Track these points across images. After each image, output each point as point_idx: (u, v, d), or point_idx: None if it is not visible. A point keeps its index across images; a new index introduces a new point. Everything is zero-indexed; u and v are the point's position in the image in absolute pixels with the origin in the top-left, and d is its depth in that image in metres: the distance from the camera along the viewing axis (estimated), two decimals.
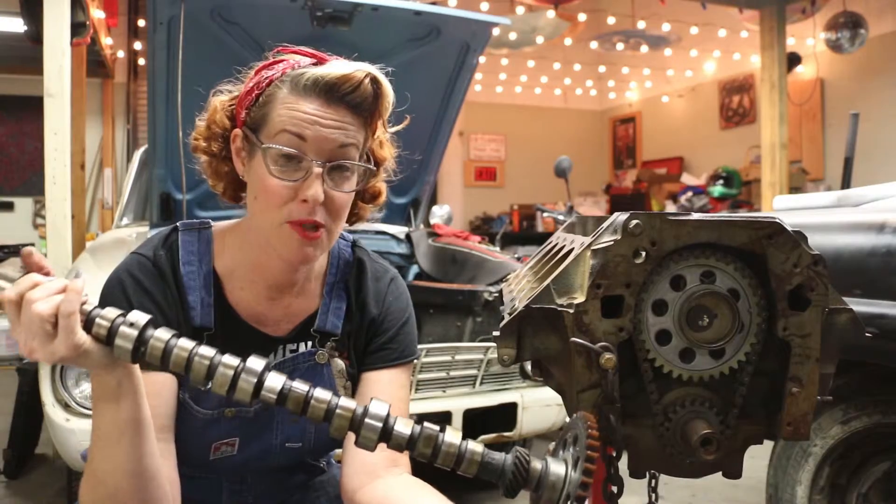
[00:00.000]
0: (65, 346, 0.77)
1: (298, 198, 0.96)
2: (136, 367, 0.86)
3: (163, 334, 0.80)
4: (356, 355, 1.15)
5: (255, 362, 0.79)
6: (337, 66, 0.98)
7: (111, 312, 0.80)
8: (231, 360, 0.80)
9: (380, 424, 0.78)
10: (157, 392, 0.98)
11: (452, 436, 0.78)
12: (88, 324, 0.80)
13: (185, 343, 0.80)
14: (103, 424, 0.86)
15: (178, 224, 1.10)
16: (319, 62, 1.01)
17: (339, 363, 1.13)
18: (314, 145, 0.96)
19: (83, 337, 0.78)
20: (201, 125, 1.06)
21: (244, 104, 1.01)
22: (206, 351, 0.79)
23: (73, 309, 0.77)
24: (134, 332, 0.79)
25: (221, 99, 1.06)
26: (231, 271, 1.08)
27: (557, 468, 0.76)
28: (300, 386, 0.79)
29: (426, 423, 0.79)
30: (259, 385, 0.79)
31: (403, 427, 0.78)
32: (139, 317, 0.80)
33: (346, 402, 0.79)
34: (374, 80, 0.99)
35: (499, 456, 0.78)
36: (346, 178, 1.00)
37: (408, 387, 1.17)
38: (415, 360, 1.19)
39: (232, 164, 1.05)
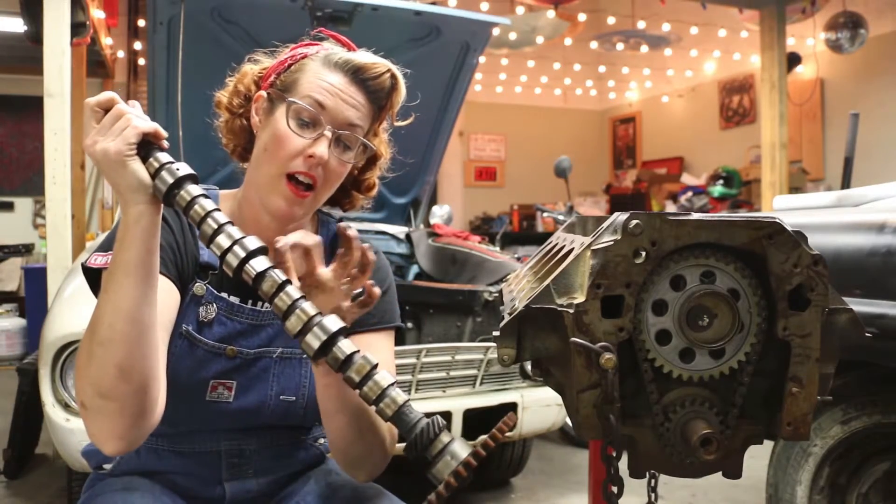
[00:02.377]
0: (115, 146, 0.88)
1: (305, 153, 1.07)
2: (157, 217, 0.91)
3: (194, 189, 0.88)
4: None
5: (252, 241, 0.86)
6: (365, 55, 1.13)
7: (166, 157, 0.91)
8: (234, 231, 0.86)
9: (324, 336, 0.81)
10: (160, 288, 1.00)
11: (384, 377, 0.81)
12: (147, 155, 0.90)
13: (207, 204, 0.88)
14: (113, 266, 0.91)
15: None
16: (350, 49, 1.15)
17: None
18: (330, 115, 1.09)
19: (132, 150, 0.89)
20: (229, 85, 1.19)
21: (275, 71, 1.14)
22: (219, 216, 0.87)
23: (144, 128, 0.90)
24: (174, 177, 0.88)
25: (252, 66, 1.19)
26: None
27: (460, 449, 0.78)
28: (278, 275, 0.84)
29: (367, 356, 0.82)
30: (244, 261, 0.84)
31: (345, 347, 0.81)
32: (185, 168, 0.90)
33: (309, 306, 0.83)
34: (394, 76, 1.13)
35: (416, 415, 0.80)
36: (347, 151, 1.12)
37: (390, 352, 1.24)
38: (398, 329, 1.24)
39: (246, 123, 1.16)
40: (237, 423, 1.15)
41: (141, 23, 7.50)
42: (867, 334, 0.83)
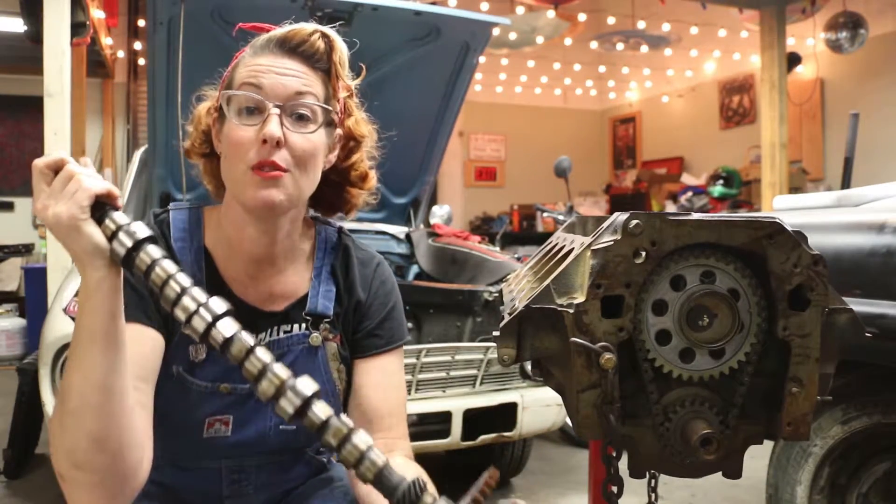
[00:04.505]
0: (67, 210, 0.82)
1: (259, 139, 1.01)
2: (118, 280, 0.87)
3: (155, 252, 0.84)
4: (346, 338, 1.18)
5: (219, 304, 0.81)
6: (285, 26, 1.08)
7: (123, 218, 0.86)
8: (199, 294, 0.82)
9: (299, 401, 0.79)
10: (139, 340, 0.98)
11: (361, 439, 0.80)
12: (102, 217, 0.85)
13: (169, 266, 0.83)
14: (77, 332, 0.87)
15: (169, 206, 1.16)
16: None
17: (333, 346, 1.15)
18: (271, 91, 1.03)
19: (86, 213, 0.84)
20: (190, 132, 1.14)
21: (220, 90, 1.09)
22: (183, 279, 0.82)
23: (96, 189, 0.84)
24: (133, 240, 0.84)
25: (204, 104, 1.14)
26: (214, 247, 1.13)
27: None
28: (247, 339, 0.81)
29: (343, 418, 0.80)
30: (211, 325, 0.81)
31: (320, 411, 0.79)
32: (142, 229, 0.85)
33: (280, 369, 0.80)
34: (325, 36, 1.07)
35: (398, 477, 0.78)
36: (307, 124, 1.05)
37: (401, 371, 1.20)
38: (405, 344, 1.21)
39: (219, 160, 1.10)
40: (236, 453, 1.14)
41: (141, 23, 7.51)
42: (867, 334, 0.83)
